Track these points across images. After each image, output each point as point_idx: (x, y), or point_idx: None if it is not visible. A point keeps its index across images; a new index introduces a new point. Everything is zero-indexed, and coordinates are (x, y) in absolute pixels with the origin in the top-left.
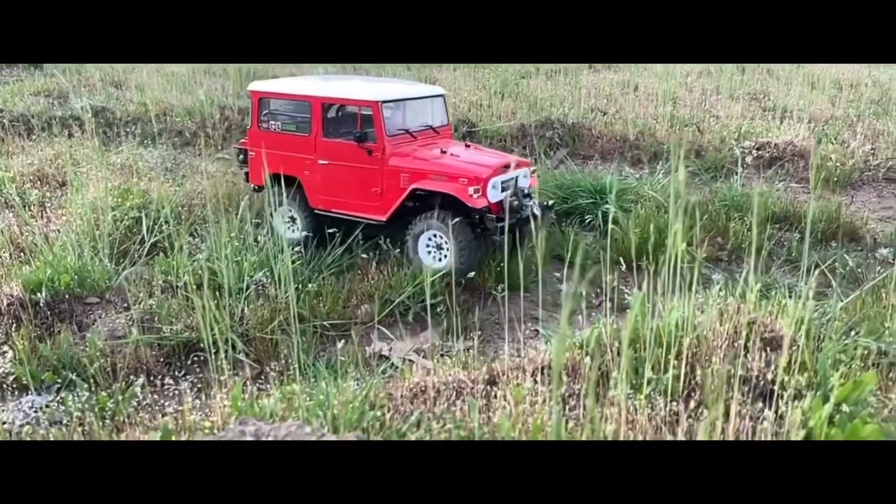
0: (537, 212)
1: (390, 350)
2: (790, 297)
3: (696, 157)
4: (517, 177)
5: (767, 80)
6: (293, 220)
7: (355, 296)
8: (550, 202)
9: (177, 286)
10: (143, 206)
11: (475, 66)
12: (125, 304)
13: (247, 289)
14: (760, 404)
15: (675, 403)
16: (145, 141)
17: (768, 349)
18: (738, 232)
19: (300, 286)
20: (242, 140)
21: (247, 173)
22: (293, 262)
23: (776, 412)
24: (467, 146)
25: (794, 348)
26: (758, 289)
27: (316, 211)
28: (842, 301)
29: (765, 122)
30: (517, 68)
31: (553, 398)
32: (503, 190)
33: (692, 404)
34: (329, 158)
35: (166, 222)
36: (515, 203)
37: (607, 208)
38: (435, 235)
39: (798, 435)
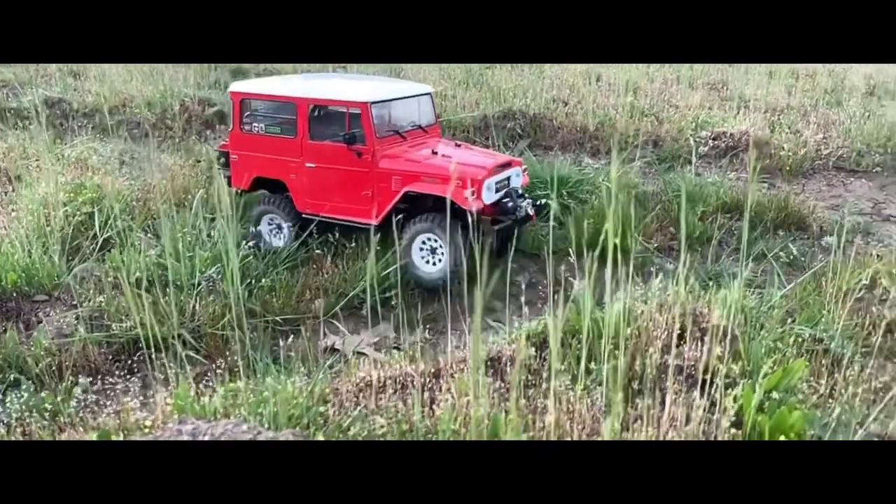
0: (531, 211)
1: (343, 344)
2: (733, 286)
3: (654, 147)
4: (510, 176)
5: (727, 70)
6: (279, 227)
7: (309, 290)
8: (543, 200)
9: (127, 283)
10: (96, 202)
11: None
12: (74, 302)
13: (198, 285)
14: (695, 393)
15: (612, 392)
16: (102, 133)
17: (705, 338)
18: (691, 222)
19: (253, 281)
20: (223, 143)
21: (228, 177)
22: (246, 258)
23: (710, 400)
24: (457, 145)
25: (728, 337)
26: (694, 280)
27: (304, 215)
28: (782, 290)
29: (723, 111)
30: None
31: (472, 392)
32: (497, 190)
33: (630, 394)
34: (316, 161)
35: (119, 218)
36: (510, 204)
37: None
38: (429, 239)
39: (728, 421)
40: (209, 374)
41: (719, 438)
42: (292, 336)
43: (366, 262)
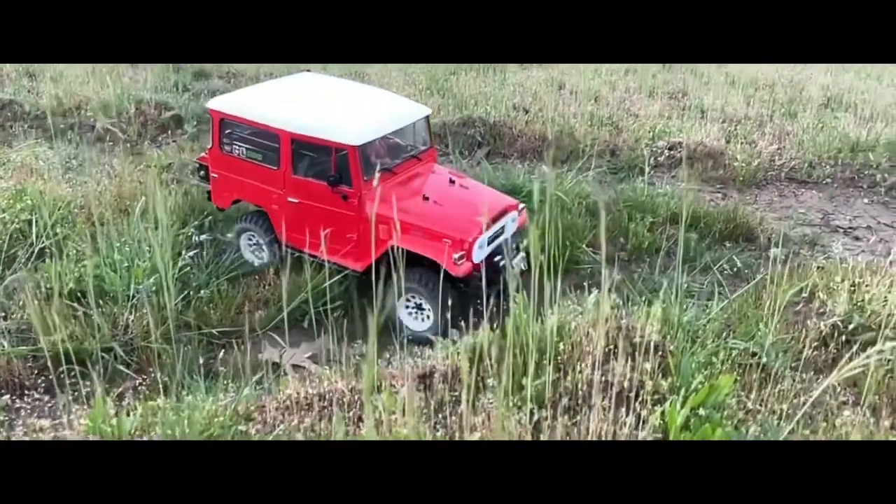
0: (524, 266)
1: (281, 357)
2: (672, 299)
3: (611, 157)
4: (505, 224)
5: (689, 79)
6: (259, 246)
7: (250, 301)
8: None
9: (59, 294)
10: (35, 209)
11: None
12: (2, 314)
13: (133, 296)
14: (622, 410)
15: (542, 410)
16: (53, 137)
17: (636, 354)
18: (639, 233)
19: (192, 292)
20: (202, 155)
21: (208, 192)
22: (185, 268)
23: (637, 416)
24: (452, 181)
25: (659, 353)
26: (615, 297)
27: (285, 246)
28: (722, 303)
29: (681, 121)
30: (450, 65)
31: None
32: (491, 240)
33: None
34: (299, 197)
35: (60, 225)
36: (502, 263)
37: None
38: (414, 297)
39: (652, 439)
40: (138, 389)
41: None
42: (225, 350)
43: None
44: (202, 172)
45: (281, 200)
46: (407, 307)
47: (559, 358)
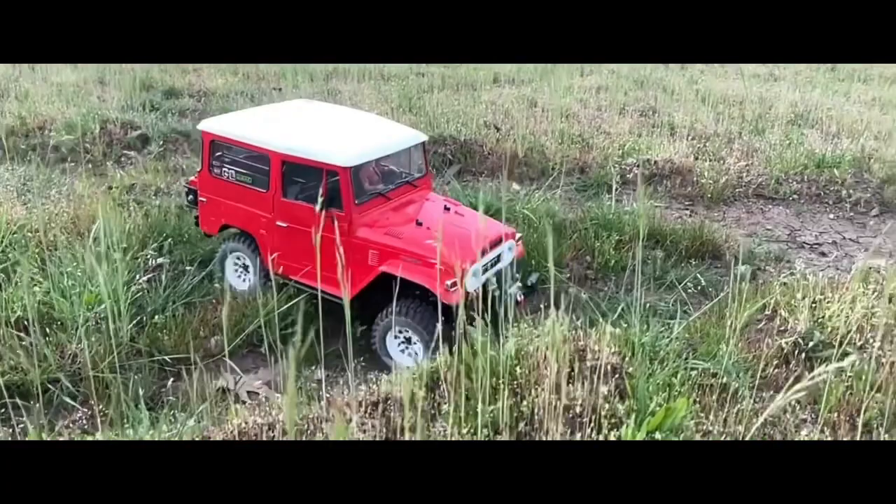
0: (520, 298)
1: (237, 384)
2: (633, 319)
3: (581, 174)
4: (501, 253)
5: (660, 96)
6: (245, 268)
7: (207, 327)
8: (534, 278)
9: (7, 322)
10: None
11: (379, 80)
12: None
13: (85, 323)
14: (579, 434)
15: (498, 435)
16: (11, 158)
17: (594, 377)
18: (605, 251)
19: (145, 318)
20: (192, 178)
21: (196, 218)
22: (139, 293)
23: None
24: (447, 208)
25: (616, 375)
26: (568, 319)
27: (272, 274)
28: (684, 322)
29: (651, 138)
30: (423, 82)
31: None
32: (485, 269)
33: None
34: (288, 221)
35: (11, 249)
36: (497, 293)
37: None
38: (403, 331)
39: None
40: (79, 422)
41: None
42: (177, 378)
43: (266, 296)
44: (191, 197)
45: (269, 225)
46: (397, 339)
47: (516, 382)
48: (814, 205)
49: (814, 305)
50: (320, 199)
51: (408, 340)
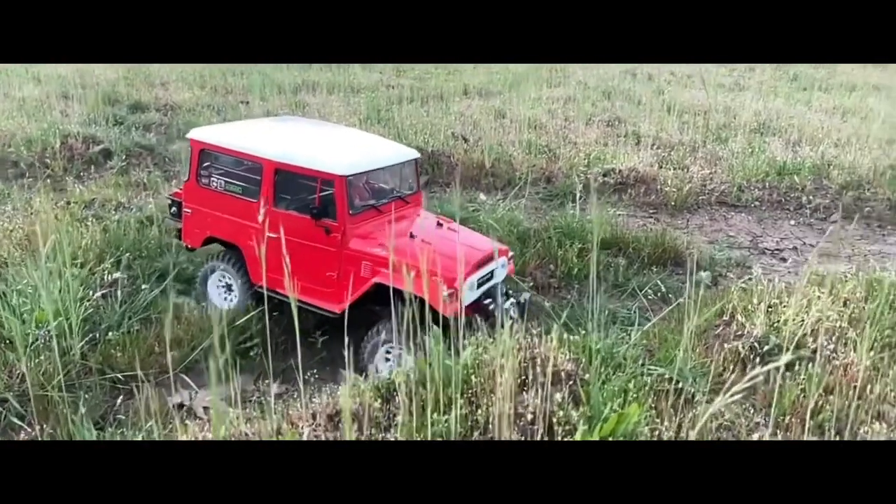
0: (514, 314)
1: (192, 400)
2: (590, 326)
3: (547, 184)
4: (494, 269)
5: (628, 107)
6: (228, 288)
7: (162, 342)
8: (526, 296)
9: None
10: None
11: (349, 92)
12: None
13: (35, 341)
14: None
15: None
16: None
17: (549, 384)
18: (568, 259)
19: (99, 335)
20: (176, 190)
21: (179, 230)
22: (93, 309)
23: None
24: (439, 224)
25: (570, 382)
26: (520, 327)
27: (257, 288)
28: (642, 328)
29: (616, 147)
30: (393, 94)
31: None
32: (479, 285)
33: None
34: (278, 232)
35: None
36: (491, 307)
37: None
38: (393, 348)
39: None
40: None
41: None
42: (129, 395)
43: (222, 310)
44: (174, 209)
45: (258, 236)
46: (387, 357)
47: (471, 392)
48: (775, 211)
49: (770, 310)
50: (313, 209)
51: (399, 356)
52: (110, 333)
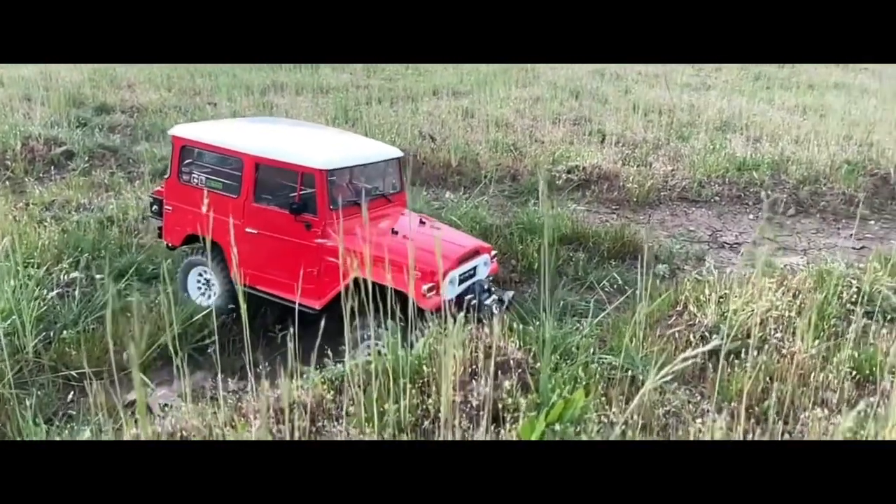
0: (496, 311)
1: (147, 397)
2: (545, 317)
3: (513, 181)
4: (477, 265)
5: (594, 106)
6: (208, 283)
7: (120, 339)
8: (509, 295)
9: None
10: None
11: (318, 92)
12: None
13: None
14: (481, 428)
15: (403, 434)
16: None
17: (499, 373)
18: (529, 254)
19: (53, 334)
20: (158, 188)
21: (160, 228)
22: (45, 308)
23: (496, 434)
24: (422, 222)
25: (519, 370)
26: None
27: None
28: (596, 319)
29: (581, 146)
30: (362, 94)
31: None
32: (461, 281)
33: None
34: (259, 228)
35: None
36: (473, 302)
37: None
38: (377, 343)
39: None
40: None
41: None
42: (78, 393)
43: (179, 307)
44: (155, 207)
45: (238, 233)
46: (368, 354)
47: (422, 381)
48: (734, 206)
49: (721, 301)
50: (293, 205)
51: (381, 354)
52: (65, 332)
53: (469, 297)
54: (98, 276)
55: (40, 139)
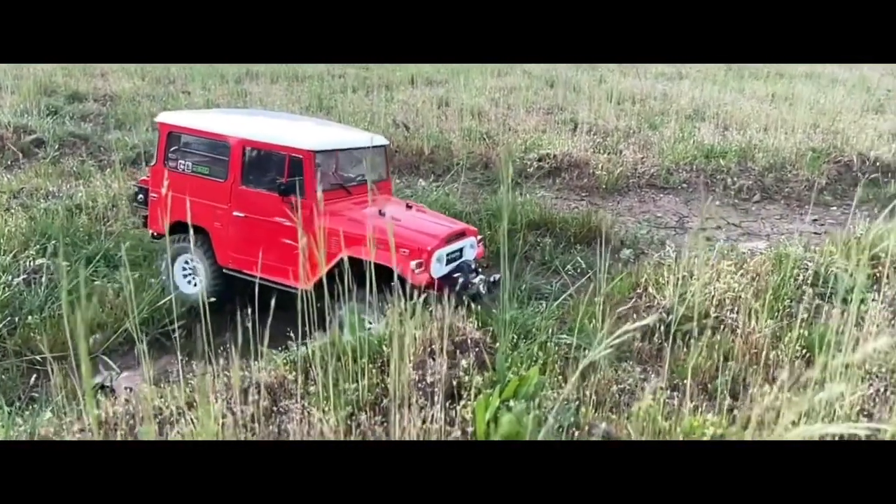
0: (483, 290)
1: (112, 381)
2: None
3: (485, 169)
4: (463, 247)
5: (570, 95)
6: (195, 272)
7: (89, 325)
8: (497, 276)
9: None
10: None
11: (293, 81)
12: None
13: None
14: (437, 405)
15: (361, 412)
16: None
17: (458, 352)
18: (496, 239)
19: (19, 319)
20: (143, 177)
21: (145, 217)
22: (8, 294)
23: (455, 411)
24: (409, 207)
25: (476, 349)
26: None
27: (224, 270)
28: (557, 301)
29: (554, 134)
30: (337, 83)
31: None
32: (448, 262)
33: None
34: (246, 211)
35: None
36: (461, 280)
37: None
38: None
39: (460, 432)
40: None
41: None
42: (43, 377)
43: (145, 293)
44: (140, 196)
45: (225, 217)
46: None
47: (382, 361)
48: (701, 192)
49: (679, 283)
50: (280, 185)
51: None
52: (30, 317)
53: (457, 275)
54: (64, 263)
55: (10, 127)
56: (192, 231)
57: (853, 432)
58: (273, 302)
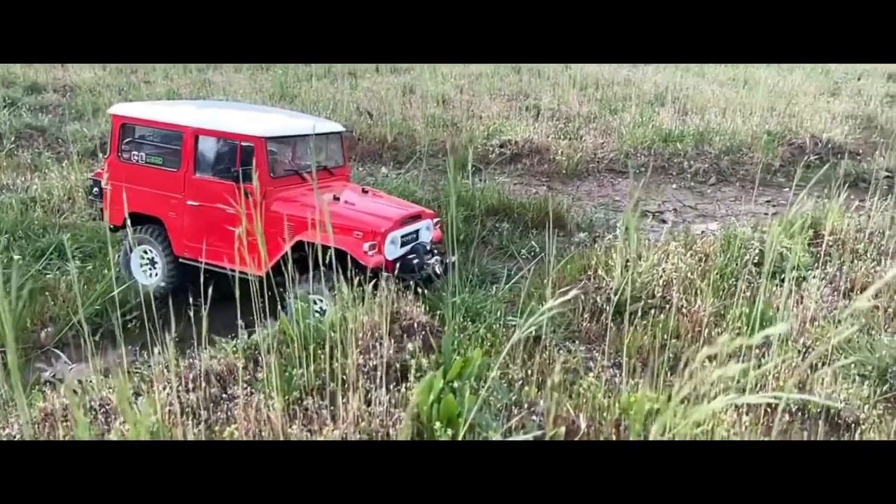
0: (439, 270)
1: (66, 373)
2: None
3: (447, 156)
4: (419, 229)
5: (534, 81)
6: (152, 262)
7: (40, 319)
8: (453, 258)
9: None
10: None
11: (256, 70)
12: None
13: None
14: (383, 389)
15: (309, 397)
16: None
17: (405, 336)
18: (455, 225)
19: None
20: (98, 171)
21: (101, 210)
22: None
23: (399, 392)
24: (364, 192)
25: (423, 333)
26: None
27: (181, 260)
28: (508, 284)
29: (517, 120)
30: (302, 71)
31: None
32: (403, 244)
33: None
34: (200, 199)
35: None
36: (416, 261)
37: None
38: (318, 301)
39: (408, 411)
40: None
41: (400, 431)
42: None
43: (99, 284)
44: (95, 189)
45: (179, 206)
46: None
47: (331, 347)
48: (659, 176)
49: (628, 265)
50: (233, 172)
51: (323, 312)
52: None
53: (411, 256)
54: (16, 257)
55: None
56: (130, 225)
57: (770, 401)
58: (211, 290)
